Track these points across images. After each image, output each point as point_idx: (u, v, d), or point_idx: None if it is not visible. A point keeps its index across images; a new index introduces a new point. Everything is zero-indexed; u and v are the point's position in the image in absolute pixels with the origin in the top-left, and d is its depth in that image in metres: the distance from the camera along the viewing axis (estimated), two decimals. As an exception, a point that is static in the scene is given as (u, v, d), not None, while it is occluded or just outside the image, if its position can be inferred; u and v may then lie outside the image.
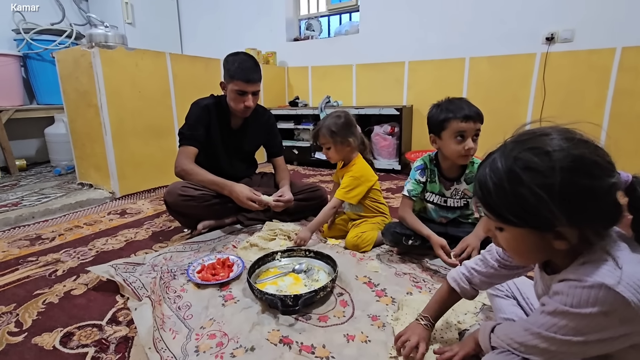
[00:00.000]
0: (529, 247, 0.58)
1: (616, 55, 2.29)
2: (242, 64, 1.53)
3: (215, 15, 3.88)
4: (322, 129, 1.46)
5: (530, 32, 2.50)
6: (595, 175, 0.50)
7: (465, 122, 1.13)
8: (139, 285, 1.14)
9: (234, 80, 1.52)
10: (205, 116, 1.61)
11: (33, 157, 3.29)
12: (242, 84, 1.52)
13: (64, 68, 2.23)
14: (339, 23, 3.62)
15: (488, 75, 2.69)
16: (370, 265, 1.28)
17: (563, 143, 0.51)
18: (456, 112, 1.14)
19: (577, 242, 0.53)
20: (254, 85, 1.55)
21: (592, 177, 0.50)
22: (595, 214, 0.51)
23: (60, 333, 0.95)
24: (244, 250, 1.41)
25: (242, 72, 1.51)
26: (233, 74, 1.52)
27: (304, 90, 3.60)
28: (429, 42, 2.88)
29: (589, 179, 0.50)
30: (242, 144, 1.75)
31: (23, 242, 1.57)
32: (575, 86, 2.43)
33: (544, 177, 0.50)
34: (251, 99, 1.57)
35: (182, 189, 1.50)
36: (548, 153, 0.51)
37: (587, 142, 0.52)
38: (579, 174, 0.50)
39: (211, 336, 0.91)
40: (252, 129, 1.75)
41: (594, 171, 0.50)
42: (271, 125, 1.84)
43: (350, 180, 1.45)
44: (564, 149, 0.51)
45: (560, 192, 0.50)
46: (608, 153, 0.52)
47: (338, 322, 0.97)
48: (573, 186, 0.50)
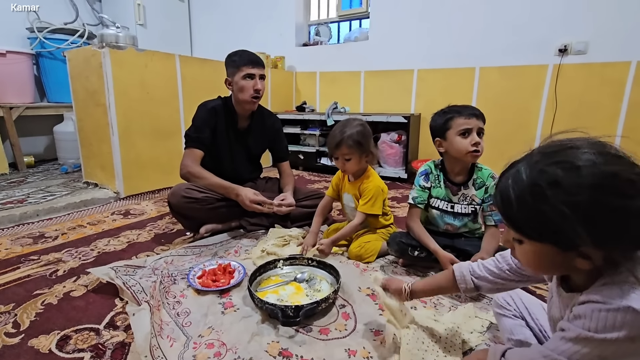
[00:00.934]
0: (547, 263, 0.55)
1: (631, 69, 2.25)
2: (244, 52, 1.61)
3: (225, 19, 3.90)
4: (346, 139, 1.35)
5: (543, 43, 2.47)
6: (627, 195, 0.46)
7: (469, 119, 1.16)
8: (139, 289, 1.12)
9: (241, 67, 1.56)
10: (211, 118, 1.61)
11: (41, 154, 3.32)
12: (249, 67, 1.56)
13: (74, 67, 2.25)
14: (349, 29, 3.62)
15: (498, 86, 2.66)
16: (373, 277, 1.25)
17: (595, 158, 0.47)
18: (460, 111, 1.18)
19: (601, 263, 0.50)
20: (260, 68, 1.59)
21: (625, 197, 0.46)
22: (625, 236, 0.47)
23: (57, 336, 0.94)
24: (260, 259, 1.35)
25: (247, 57, 1.58)
26: (239, 63, 1.57)
27: (312, 95, 3.59)
28: (439, 51, 2.86)
29: (621, 198, 0.46)
30: (248, 145, 1.74)
31: (26, 240, 1.57)
32: (587, 99, 2.39)
33: (570, 194, 0.47)
34: (259, 82, 1.59)
35: (186, 191, 1.49)
36: (577, 168, 0.47)
37: (621, 157, 0.49)
38: (610, 193, 0.46)
39: (209, 345, 0.89)
40: (258, 130, 1.75)
41: (627, 190, 0.46)
42: (277, 129, 1.83)
43: (373, 192, 1.39)
44: (595, 164, 0.47)
45: (587, 211, 0.46)
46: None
47: (339, 335, 0.94)
48: (602, 206, 0.46)
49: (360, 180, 1.45)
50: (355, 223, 1.40)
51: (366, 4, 3.30)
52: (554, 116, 2.48)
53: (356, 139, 1.35)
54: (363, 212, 1.39)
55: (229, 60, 1.61)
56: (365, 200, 1.39)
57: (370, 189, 1.39)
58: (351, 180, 1.49)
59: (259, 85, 1.59)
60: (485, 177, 1.23)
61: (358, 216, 1.41)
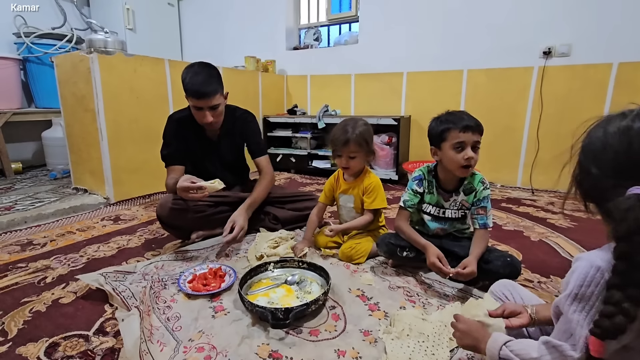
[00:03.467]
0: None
1: (613, 70, 2.31)
2: (193, 78, 1.41)
3: (215, 23, 3.91)
4: (355, 137, 1.37)
5: (528, 45, 2.52)
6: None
7: (464, 132, 1.13)
8: (129, 295, 1.12)
9: (187, 96, 1.44)
10: (178, 130, 1.57)
11: (29, 161, 3.28)
12: (194, 100, 1.43)
13: (62, 73, 2.23)
14: (339, 33, 3.65)
15: (486, 88, 2.71)
16: (364, 278, 1.26)
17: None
18: (456, 122, 1.14)
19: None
20: (206, 100, 1.42)
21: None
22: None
23: (45, 343, 0.93)
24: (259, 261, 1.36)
25: (192, 87, 1.40)
26: (186, 89, 1.43)
27: (303, 98, 3.61)
28: (427, 54, 2.90)
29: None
30: (223, 154, 1.68)
31: (14, 248, 1.55)
32: (572, 100, 2.45)
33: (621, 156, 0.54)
34: (209, 114, 1.45)
35: (173, 202, 1.47)
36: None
37: None
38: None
39: (199, 349, 0.89)
40: (228, 137, 1.67)
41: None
42: (246, 124, 1.69)
43: (378, 187, 1.45)
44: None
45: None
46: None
47: (329, 336, 0.95)
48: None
49: (360, 179, 1.47)
50: (367, 219, 1.44)
51: (355, 8, 3.34)
52: (540, 117, 2.53)
53: (364, 138, 1.39)
54: (372, 209, 1.43)
55: (181, 77, 1.45)
56: (374, 197, 1.43)
57: (374, 185, 1.44)
58: (348, 180, 1.50)
59: (209, 118, 1.45)
60: (476, 182, 1.24)
61: (367, 214, 1.44)
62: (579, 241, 1.63)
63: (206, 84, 1.41)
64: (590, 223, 1.90)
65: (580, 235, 1.71)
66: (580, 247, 1.57)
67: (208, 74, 1.44)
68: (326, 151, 3.19)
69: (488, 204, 1.22)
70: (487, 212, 1.21)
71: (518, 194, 2.47)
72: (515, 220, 1.92)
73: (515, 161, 2.66)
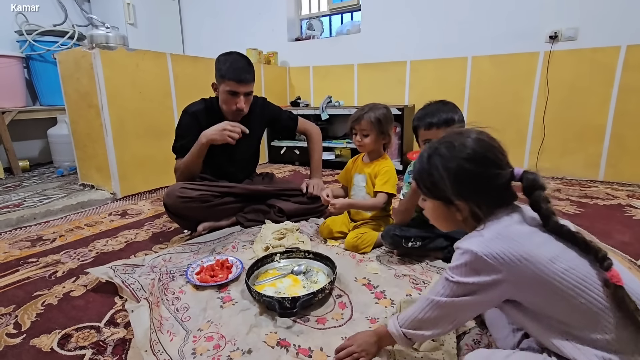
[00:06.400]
0: (440, 215, 0.75)
1: (621, 53, 2.26)
2: (234, 64, 1.49)
3: (216, 16, 3.88)
4: (367, 115, 1.42)
5: (533, 30, 2.47)
6: (484, 165, 0.66)
7: (428, 129, 1.17)
8: (138, 287, 1.13)
9: (225, 80, 1.49)
10: (194, 123, 1.57)
11: (36, 158, 3.31)
12: (234, 84, 1.48)
13: (65, 69, 2.24)
14: (341, 23, 3.61)
15: (490, 74, 2.67)
16: (369, 267, 1.27)
17: (468, 141, 0.68)
18: (421, 120, 1.19)
19: (468, 215, 0.69)
20: (246, 85, 1.50)
21: (481, 166, 0.66)
22: (482, 194, 0.67)
23: (58, 335, 0.95)
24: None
25: (233, 72, 1.47)
26: (224, 74, 1.48)
27: (306, 90, 3.59)
28: (431, 41, 2.86)
29: (478, 167, 0.66)
30: (240, 146, 1.67)
31: (24, 243, 1.58)
32: (579, 85, 2.41)
33: (449, 161, 0.68)
34: (243, 100, 1.52)
35: (180, 191, 1.49)
36: (454, 147, 0.68)
37: (487, 141, 0.68)
38: (471, 163, 0.66)
39: (208, 338, 0.91)
40: (249, 126, 1.67)
41: (484, 162, 0.66)
42: (268, 111, 1.78)
43: (390, 172, 1.45)
44: (467, 145, 0.67)
45: (455, 173, 0.67)
46: (505, 152, 0.69)
47: (336, 324, 0.96)
48: (465, 170, 0.66)
49: (378, 162, 1.49)
50: (375, 201, 1.44)
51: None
52: (546, 103, 2.50)
53: (377, 117, 1.42)
54: (384, 192, 1.43)
55: (217, 64, 1.52)
56: (386, 179, 1.44)
57: (387, 170, 1.45)
58: (366, 161, 1.53)
59: (242, 103, 1.52)
60: None
61: (380, 197, 1.44)
62: (585, 227, 1.61)
63: (246, 70, 1.50)
64: (596, 209, 1.88)
65: (587, 221, 1.70)
66: (587, 233, 1.56)
67: (247, 62, 1.54)
68: (330, 142, 3.18)
69: None
70: None
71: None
72: (522, 208, 1.91)
73: (521, 148, 2.64)
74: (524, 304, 0.63)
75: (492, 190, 0.66)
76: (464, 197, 0.68)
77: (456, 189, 0.67)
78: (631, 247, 1.41)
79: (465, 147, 0.67)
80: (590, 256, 0.59)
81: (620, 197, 2.06)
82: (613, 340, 0.56)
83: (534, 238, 0.62)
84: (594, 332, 0.57)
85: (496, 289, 0.62)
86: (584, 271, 0.58)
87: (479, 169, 0.66)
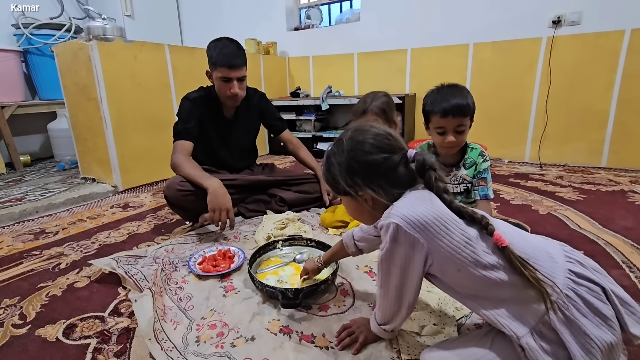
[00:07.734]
0: (354, 208, 0.78)
1: (625, 37, 2.22)
2: (224, 49, 1.48)
3: (214, 6, 3.83)
4: (372, 107, 1.41)
5: (536, 15, 2.43)
6: (370, 153, 0.70)
7: (444, 118, 1.13)
8: (141, 277, 1.14)
9: (217, 67, 1.48)
10: (196, 109, 1.58)
11: (37, 153, 3.31)
12: (225, 70, 1.48)
13: (63, 62, 2.22)
14: (340, 11, 3.56)
15: (492, 61, 2.64)
16: (371, 255, 1.26)
17: (353, 134, 0.73)
18: (436, 106, 1.14)
19: (373, 202, 0.71)
20: (237, 70, 1.49)
21: (368, 154, 0.70)
22: (376, 179, 0.70)
23: (63, 325, 0.96)
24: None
25: (223, 58, 1.47)
26: (215, 61, 1.48)
27: (306, 80, 3.56)
28: (431, 29, 2.82)
29: (366, 155, 0.70)
30: (238, 133, 1.71)
31: (27, 236, 1.59)
32: (582, 70, 2.38)
33: (339, 156, 0.73)
34: (237, 85, 1.51)
35: (180, 184, 1.48)
36: (341, 142, 0.74)
37: (371, 131, 0.72)
38: (359, 153, 0.70)
39: (212, 326, 0.91)
40: (245, 116, 1.71)
41: (370, 150, 0.70)
42: (264, 104, 1.79)
43: None
44: (352, 138, 0.72)
45: (346, 165, 0.71)
46: (395, 138, 0.72)
47: (338, 311, 0.96)
48: (354, 160, 0.71)
49: None
50: None
51: (356, -16, 3.25)
52: (549, 89, 2.47)
53: (382, 108, 1.41)
54: None
55: (208, 51, 1.52)
56: None
57: None
58: None
59: (236, 89, 1.51)
60: (476, 156, 1.24)
61: None
62: (588, 213, 1.61)
63: (237, 55, 1.49)
64: (599, 195, 1.87)
65: (589, 207, 1.69)
66: (590, 219, 1.55)
67: (237, 46, 1.52)
68: (330, 133, 3.17)
69: (488, 175, 1.23)
70: (487, 182, 1.22)
71: (526, 169, 2.44)
72: (524, 195, 1.90)
73: (523, 136, 2.62)
74: (438, 276, 0.68)
75: (385, 174, 0.69)
76: (362, 185, 0.70)
77: (351, 180, 0.71)
78: (634, 232, 1.40)
79: (351, 139, 0.72)
80: (477, 225, 0.65)
81: (623, 183, 2.05)
82: (517, 295, 0.61)
83: (436, 201, 0.68)
84: (498, 292, 0.63)
85: (415, 252, 0.65)
86: (474, 235, 0.64)
87: (365, 156, 0.70)
